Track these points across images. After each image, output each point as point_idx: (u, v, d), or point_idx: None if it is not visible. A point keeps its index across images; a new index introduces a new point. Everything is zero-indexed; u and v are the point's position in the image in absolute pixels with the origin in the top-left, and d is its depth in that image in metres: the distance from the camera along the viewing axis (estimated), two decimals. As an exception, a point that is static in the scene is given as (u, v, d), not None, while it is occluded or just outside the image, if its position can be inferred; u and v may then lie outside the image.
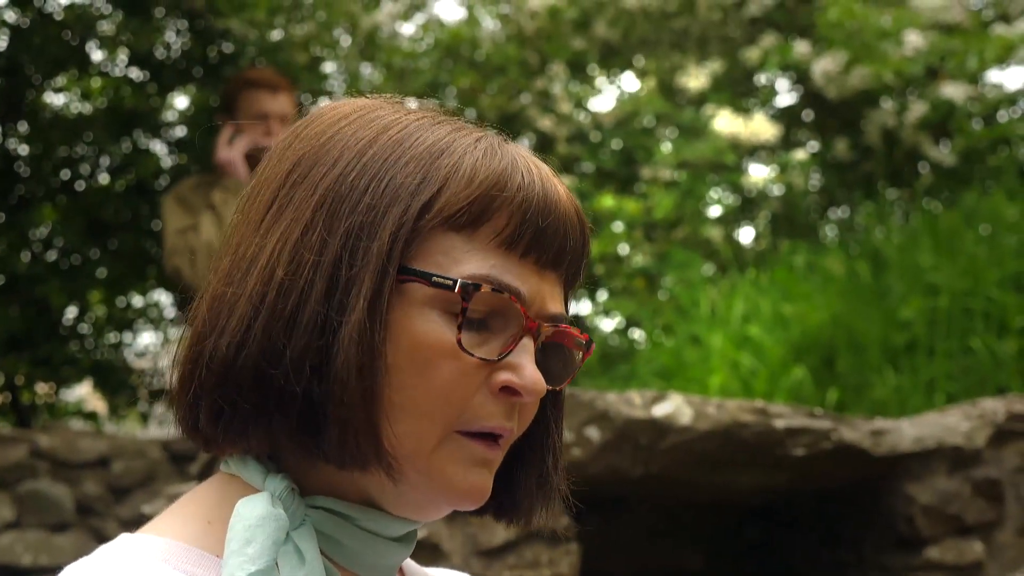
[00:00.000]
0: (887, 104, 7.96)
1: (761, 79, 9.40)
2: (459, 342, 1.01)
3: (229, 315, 1.01)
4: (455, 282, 1.00)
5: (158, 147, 7.20)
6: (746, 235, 9.60)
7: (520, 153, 1.08)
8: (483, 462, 1.04)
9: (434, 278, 1.00)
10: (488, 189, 1.03)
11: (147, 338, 7.59)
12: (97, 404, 7.86)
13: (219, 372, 1.01)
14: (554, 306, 1.07)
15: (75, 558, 1.01)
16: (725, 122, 8.40)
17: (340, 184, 1.03)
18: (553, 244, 1.06)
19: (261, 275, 1.01)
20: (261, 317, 1.00)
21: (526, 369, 1.03)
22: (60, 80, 7.13)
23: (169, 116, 7.35)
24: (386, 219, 1.01)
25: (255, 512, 0.99)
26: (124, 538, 1.02)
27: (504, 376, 1.03)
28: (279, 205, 1.05)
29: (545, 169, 1.09)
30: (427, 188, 1.02)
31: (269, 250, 1.02)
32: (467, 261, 1.02)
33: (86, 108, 7.22)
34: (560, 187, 1.09)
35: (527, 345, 1.04)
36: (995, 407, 4.23)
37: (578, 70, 9.63)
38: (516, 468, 1.13)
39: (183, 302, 1.10)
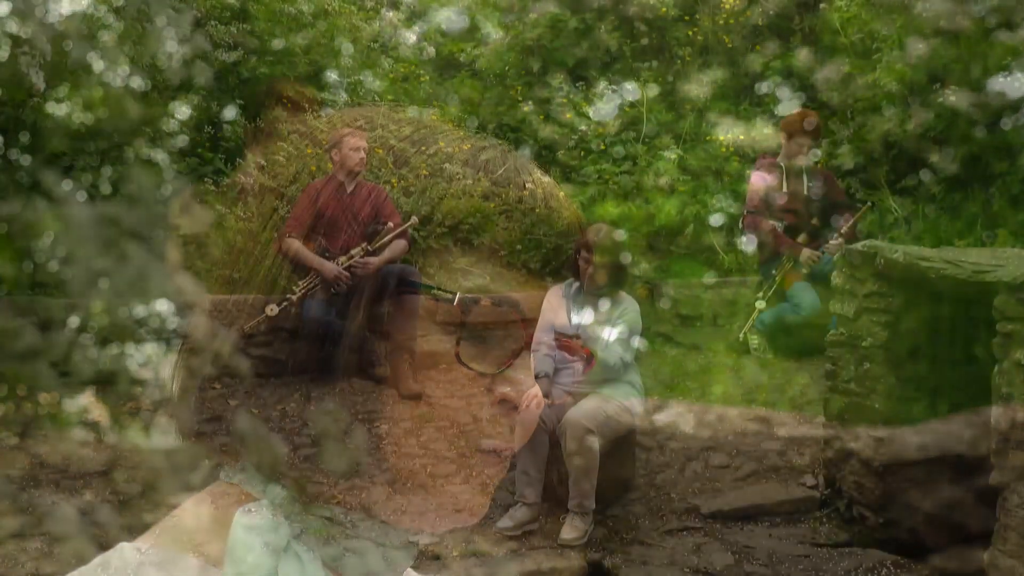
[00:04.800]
0: (890, 111, 7.95)
1: (763, 87, 9.40)
2: (457, 355, 1.00)
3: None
4: (455, 295, 1.00)
5: (160, 157, 7.19)
6: (748, 243, 9.57)
7: None
8: (481, 486, 1.04)
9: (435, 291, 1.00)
10: None
11: (149, 348, 7.59)
12: (99, 414, 7.85)
13: None
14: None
15: (77, 567, 1.01)
16: (727, 130, 8.39)
17: None
18: None
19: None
20: None
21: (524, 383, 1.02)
22: (62, 90, 7.13)
23: (171, 125, 7.35)
24: None
25: (255, 521, 0.99)
26: (123, 547, 1.02)
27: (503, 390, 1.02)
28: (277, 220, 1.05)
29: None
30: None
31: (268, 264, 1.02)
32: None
33: (88, 118, 7.22)
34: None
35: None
36: (999, 416, 4.21)
37: (579, 78, 9.63)
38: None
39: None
